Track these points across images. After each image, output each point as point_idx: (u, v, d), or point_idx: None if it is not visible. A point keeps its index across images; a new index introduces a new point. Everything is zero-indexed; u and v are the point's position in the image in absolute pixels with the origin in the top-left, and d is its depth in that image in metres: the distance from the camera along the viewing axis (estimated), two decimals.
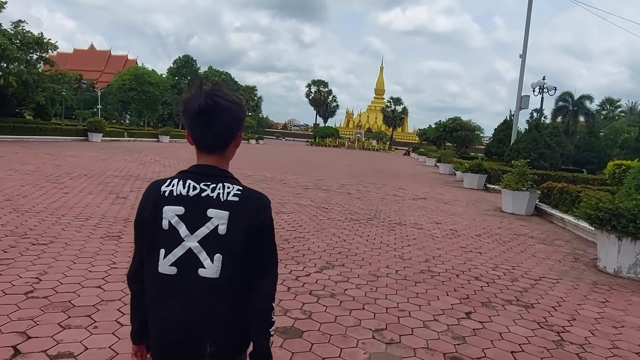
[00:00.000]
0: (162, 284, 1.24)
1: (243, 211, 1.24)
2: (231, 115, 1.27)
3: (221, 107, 1.24)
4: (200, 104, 1.22)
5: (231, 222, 1.22)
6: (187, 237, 1.23)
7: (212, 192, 1.25)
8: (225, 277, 1.22)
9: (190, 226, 1.23)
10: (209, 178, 1.27)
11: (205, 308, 1.23)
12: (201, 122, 1.25)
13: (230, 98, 1.27)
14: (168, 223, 1.24)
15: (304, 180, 14.20)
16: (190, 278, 1.22)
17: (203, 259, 1.22)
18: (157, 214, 1.25)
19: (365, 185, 14.58)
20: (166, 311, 1.25)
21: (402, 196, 12.27)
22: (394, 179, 18.37)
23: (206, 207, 1.23)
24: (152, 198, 1.28)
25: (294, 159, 26.84)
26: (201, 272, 1.22)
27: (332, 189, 12.60)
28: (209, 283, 1.21)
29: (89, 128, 27.79)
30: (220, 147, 1.30)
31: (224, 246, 1.22)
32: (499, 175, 15.85)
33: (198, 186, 1.26)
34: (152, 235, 1.26)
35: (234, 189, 1.26)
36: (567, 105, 45.84)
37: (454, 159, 24.43)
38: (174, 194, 1.25)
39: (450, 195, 13.50)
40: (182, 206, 1.24)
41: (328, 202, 9.91)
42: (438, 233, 7.42)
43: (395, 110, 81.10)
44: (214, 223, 1.22)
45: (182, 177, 1.29)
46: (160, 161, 16.80)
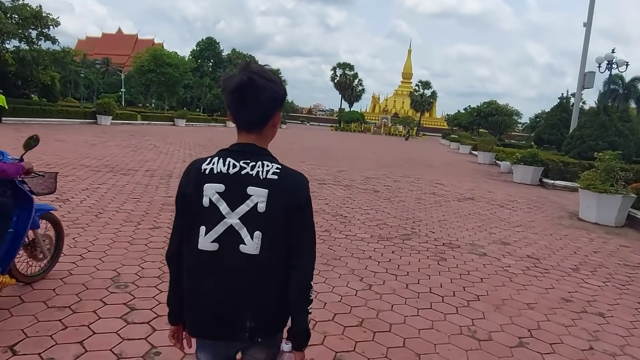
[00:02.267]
0: (203, 260, 1.25)
1: (282, 189, 1.24)
2: (267, 93, 1.25)
3: (257, 85, 1.23)
4: (237, 81, 1.23)
5: (270, 200, 1.23)
6: (228, 214, 1.23)
7: (251, 170, 1.25)
8: (264, 253, 1.23)
9: (230, 203, 1.24)
10: (249, 156, 1.27)
11: (245, 283, 1.25)
12: (237, 99, 1.25)
13: (267, 76, 1.25)
14: (209, 200, 1.24)
15: (322, 172, 11.79)
16: (231, 254, 1.24)
17: (244, 235, 1.23)
18: (198, 191, 1.24)
19: (394, 178, 12.05)
20: (207, 286, 1.27)
21: (443, 195, 9.70)
22: (427, 170, 15.72)
23: (246, 184, 1.24)
24: (193, 176, 1.27)
25: (314, 145, 24.40)
26: (242, 248, 1.23)
27: (354, 184, 10.15)
28: (250, 259, 1.23)
29: (97, 110, 26.17)
30: (257, 126, 1.30)
31: (263, 223, 1.23)
32: (559, 168, 13.03)
33: (238, 164, 1.26)
34: (193, 213, 1.26)
35: (273, 167, 1.27)
36: (617, 88, 41.31)
37: (494, 146, 21.44)
38: (214, 172, 1.25)
39: (502, 194, 10.83)
40: (223, 184, 1.24)
41: (348, 205, 7.49)
42: (512, 265, 4.90)
43: (423, 95, 77.16)
44: (253, 201, 1.23)
45: (222, 155, 1.29)
46: (160, 147, 14.71)
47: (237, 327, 1.27)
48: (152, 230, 4.92)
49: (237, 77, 1.23)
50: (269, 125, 1.32)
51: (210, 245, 1.24)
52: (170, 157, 12.21)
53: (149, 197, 6.71)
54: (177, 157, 12.17)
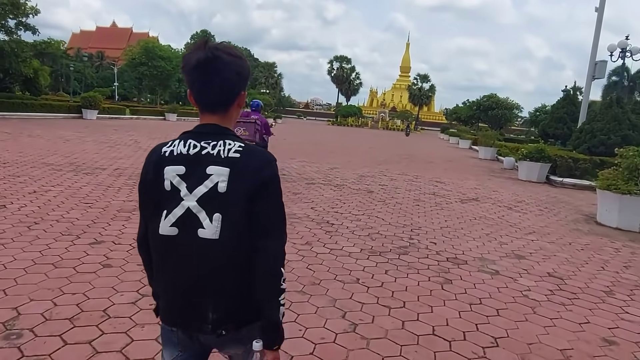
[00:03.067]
0: (163, 245, 1.18)
1: (245, 167, 1.15)
2: (232, 69, 1.17)
3: (222, 61, 1.15)
4: (199, 57, 1.14)
5: (232, 179, 1.14)
6: (186, 196, 1.15)
7: (212, 150, 1.17)
8: (225, 238, 1.13)
9: (190, 185, 1.15)
10: (210, 136, 1.19)
11: (204, 271, 1.15)
12: (200, 77, 1.16)
13: (232, 52, 1.18)
14: (170, 184, 1.16)
15: (312, 170, 10.87)
16: (190, 239, 1.14)
17: (202, 218, 1.14)
18: (158, 175, 1.18)
19: (391, 176, 11.14)
20: (168, 274, 1.20)
21: (445, 196, 8.80)
22: (426, 166, 14.82)
23: (206, 164, 1.15)
24: (154, 160, 1.21)
25: (308, 140, 23.47)
26: (200, 232, 1.13)
27: (346, 183, 9.24)
28: (209, 244, 1.13)
29: (83, 104, 25.10)
30: (222, 106, 1.21)
31: (224, 205, 1.13)
32: (568, 164, 12.14)
33: (198, 144, 1.18)
34: (156, 197, 1.18)
35: (236, 146, 1.18)
36: (622, 80, 40.38)
37: (496, 141, 20.54)
38: (174, 154, 1.18)
39: (508, 193, 9.94)
40: (183, 165, 1.17)
41: (337, 209, 6.58)
42: (532, 287, 4.00)
43: (422, 88, 76.14)
44: (213, 180, 1.14)
45: (183, 137, 1.22)
46: (141, 143, 13.75)
47: (199, 318, 1.17)
48: (90, 247, 4.01)
49: (200, 54, 1.14)
50: (234, 105, 1.23)
51: (170, 230, 1.16)
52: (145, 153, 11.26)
53: (104, 201, 5.79)
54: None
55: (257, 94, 62.77)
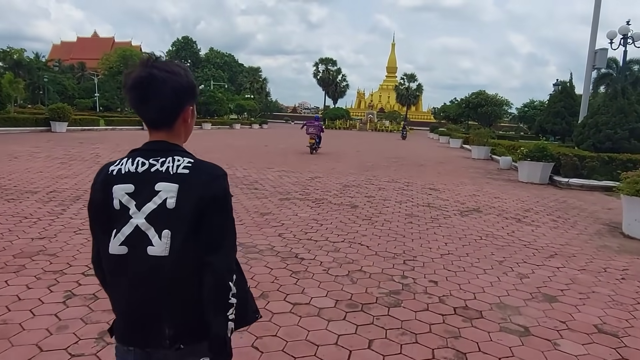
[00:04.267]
0: (114, 265, 1.17)
1: (194, 183, 1.14)
2: (169, 86, 1.14)
3: (157, 79, 1.13)
4: (135, 77, 1.14)
5: (181, 195, 1.13)
6: (135, 214, 1.14)
7: (161, 166, 1.16)
8: (175, 254, 1.12)
9: (139, 203, 1.14)
10: (159, 153, 1.18)
11: (157, 288, 1.13)
12: (138, 96, 1.16)
13: (168, 68, 1.16)
14: (119, 203, 1.15)
15: (290, 181, 9.60)
16: (139, 257, 1.13)
17: (151, 236, 1.13)
18: (107, 194, 1.16)
19: (379, 184, 9.90)
20: (121, 293, 1.18)
21: (441, 207, 7.57)
22: (417, 170, 13.61)
23: (155, 181, 1.14)
24: (101, 179, 1.19)
25: (291, 146, 22.17)
26: (150, 250, 1.12)
27: (327, 196, 7.98)
28: (159, 262, 1.12)
29: (50, 116, 23.55)
30: (164, 123, 1.20)
31: (173, 221, 1.12)
32: (573, 163, 11.01)
33: (147, 162, 1.17)
34: (105, 217, 1.17)
35: (185, 161, 1.17)
36: (612, 72, 39.73)
37: (489, 139, 19.45)
38: (122, 172, 1.17)
39: (512, 200, 8.75)
40: (132, 183, 1.15)
41: (311, 235, 5.30)
42: (581, 359, 2.76)
43: (409, 88, 75.47)
44: (161, 197, 1.13)
45: (131, 155, 1.20)
46: (102, 157, 12.35)
47: (156, 335, 1.15)
48: None
49: (135, 73, 1.14)
50: (179, 121, 1.20)
51: (119, 249, 1.14)
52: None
53: (5, 241, 4.44)
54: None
55: (242, 99, 61.38)
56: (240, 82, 79.36)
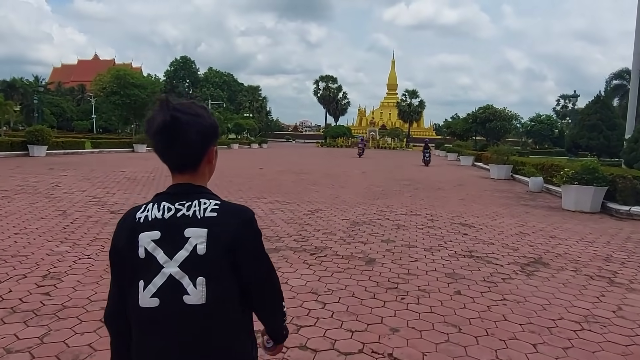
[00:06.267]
0: (145, 319, 1.09)
1: (222, 226, 1.10)
2: (194, 130, 1.11)
3: (182, 123, 1.09)
4: (159, 122, 1.09)
5: (210, 240, 1.09)
6: (167, 263, 1.08)
7: (187, 211, 1.12)
8: (211, 301, 1.07)
9: (168, 251, 1.09)
10: (184, 197, 1.15)
11: (195, 338, 1.08)
12: (163, 141, 1.11)
13: (192, 110, 1.12)
14: (144, 251, 1.10)
15: (284, 218, 7.54)
16: (175, 308, 1.07)
17: (186, 284, 1.07)
18: (133, 242, 1.11)
19: (396, 219, 7.83)
20: (153, 348, 1.10)
21: (490, 257, 5.47)
22: (437, 196, 11.54)
23: (183, 227, 1.10)
24: (127, 226, 1.15)
25: (290, 168, 20.18)
26: (186, 299, 1.07)
27: (331, 242, 5.89)
28: (196, 311, 1.07)
29: (28, 139, 21.68)
30: (189, 166, 1.17)
31: (205, 267, 1.08)
32: (633, 187, 8.92)
33: (173, 207, 1.13)
34: (130, 266, 1.11)
35: (211, 204, 1.13)
36: (625, 83, 37.99)
37: (511, 156, 17.40)
38: (149, 219, 1.12)
39: (574, 240, 6.64)
40: (158, 230, 1.11)
41: (305, 337, 3.20)
42: None
43: (411, 104, 73.88)
44: (192, 243, 1.09)
45: (156, 200, 1.16)
46: (62, 186, 10.32)
47: None
48: None
49: (159, 118, 1.09)
50: (204, 162, 1.19)
51: (150, 301, 1.07)
52: (42, 208, 7.84)
53: None
54: (49, 208, 7.81)
55: (240, 119, 59.87)
56: (240, 101, 78.13)
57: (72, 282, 3.98)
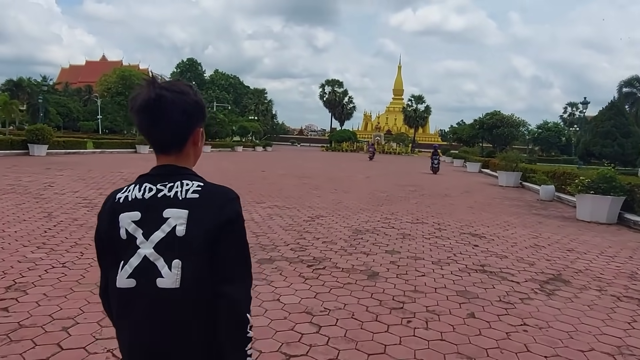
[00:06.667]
0: (122, 299, 1.07)
1: (205, 208, 1.06)
2: (178, 108, 1.08)
3: (166, 100, 1.06)
4: (142, 99, 1.07)
5: (191, 221, 1.05)
6: (142, 244, 1.06)
7: (169, 192, 1.08)
8: (187, 286, 1.02)
9: (146, 231, 1.06)
10: (167, 177, 1.11)
11: (165, 325, 1.04)
12: (147, 119, 1.08)
13: (177, 88, 1.09)
14: (125, 232, 1.07)
15: (282, 224, 7.10)
16: (148, 291, 1.03)
17: (161, 267, 1.03)
18: (113, 224, 1.09)
19: (402, 227, 7.36)
20: (128, 331, 1.08)
21: (504, 272, 4.99)
22: (443, 203, 11.06)
23: (163, 208, 1.06)
24: (108, 208, 1.12)
25: (292, 171, 19.77)
26: (159, 282, 1.03)
27: (330, 254, 5.44)
28: (169, 295, 1.02)
29: (28, 138, 21.42)
30: (174, 146, 1.13)
31: (183, 250, 1.04)
32: None
33: (154, 187, 1.10)
34: (112, 248, 1.09)
35: (194, 185, 1.09)
36: (635, 91, 37.32)
37: (520, 163, 16.88)
38: (129, 199, 1.09)
39: (593, 254, 6.15)
40: (138, 211, 1.08)
41: (297, 356, 2.75)
42: None
43: (417, 109, 73.38)
44: (170, 224, 1.05)
45: (139, 181, 1.13)
46: (55, 187, 9.96)
47: None
48: None
49: (143, 94, 1.07)
50: (189, 143, 1.14)
51: (127, 282, 1.05)
52: (28, 209, 7.45)
53: None
54: (35, 210, 7.41)
55: (245, 121, 59.58)
56: (245, 103, 77.98)
57: (37, 296, 3.55)
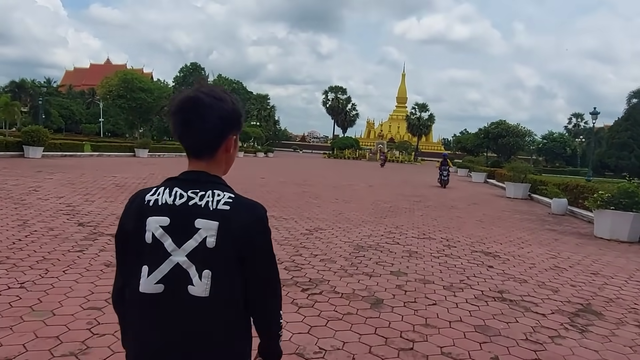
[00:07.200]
0: (145, 304, 1.07)
1: (234, 221, 1.07)
2: (214, 113, 1.09)
3: (203, 104, 1.08)
4: (180, 100, 1.10)
5: (221, 234, 1.05)
6: (174, 251, 1.06)
7: (200, 201, 1.08)
8: (215, 296, 1.04)
9: (176, 239, 1.07)
10: (198, 185, 1.11)
11: (190, 331, 1.05)
12: (181, 120, 1.10)
13: (215, 93, 1.10)
14: (152, 236, 1.07)
15: (277, 237, 6.50)
16: (178, 297, 1.05)
17: (192, 275, 1.05)
18: (140, 226, 1.08)
19: (408, 244, 6.76)
20: (148, 336, 1.07)
21: (526, 301, 4.38)
22: (450, 215, 10.45)
23: (194, 217, 1.07)
24: (135, 208, 1.11)
25: (293, 178, 19.20)
26: (190, 289, 1.04)
27: (329, 274, 4.84)
28: (198, 303, 1.04)
29: (23, 140, 20.93)
30: (206, 151, 1.13)
31: (213, 261, 1.05)
32: None
33: (185, 194, 1.09)
34: (135, 250, 1.09)
35: (225, 197, 1.09)
36: None
37: (529, 175, 16.26)
38: (159, 203, 1.09)
39: (621, 279, 5.53)
40: (168, 217, 1.07)
41: None
42: None
43: (420, 118, 72.87)
44: (201, 235, 1.06)
45: (169, 184, 1.13)
46: (37, 194, 9.41)
47: None
48: None
49: (181, 96, 1.11)
50: (221, 150, 1.14)
51: (154, 287, 1.05)
52: (3, 217, 6.89)
53: None
54: (10, 217, 6.84)
55: (247, 127, 59.15)
56: (248, 109, 77.68)
57: None
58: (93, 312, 3.34)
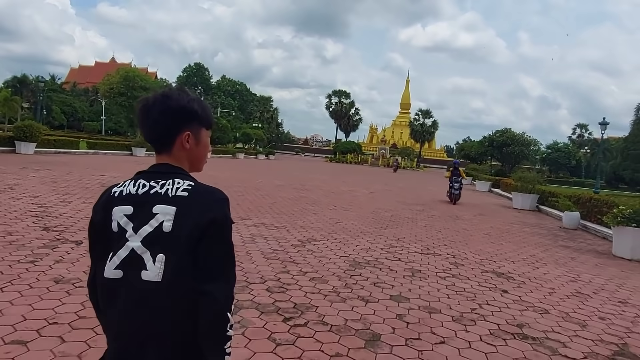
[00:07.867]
0: (108, 289, 1.11)
1: (192, 206, 1.09)
2: (156, 109, 1.15)
3: (148, 103, 1.16)
4: (137, 103, 1.20)
5: (178, 218, 1.08)
6: (131, 237, 1.09)
7: (161, 189, 1.13)
8: (168, 280, 1.05)
9: (136, 225, 1.10)
10: (160, 175, 1.16)
11: (146, 317, 1.06)
12: (138, 119, 1.20)
13: (166, 92, 1.17)
14: (117, 225, 1.11)
15: (265, 249, 5.81)
16: (133, 282, 1.07)
17: (146, 260, 1.07)
18: (107, 216, 1.13)
19: (410, 260, 6.06)
20: (111, 318, 1.11)
21: (549, 339, 3.67)
22: (456, 226, 9.74)
23: (153, 203, 1.11)
24: (103, 201, 1.17)
25: (291, 182, 18.52)
26: (144, 275, 1.06)
27: (319, 298, 4.13)
28: (151, 288, 1.05)
29: (16, 135, 20.33)
30: (161, 147, 1.19)
31: (168, 245, 1.07)
32: None
33: (148, 184, 1.15)
34: (103, 239, 1.13)
35: (184, 184, 1.13)
36: None
37: (538, 185, 15.54)
38: (124, 194, 1.14)
39: None
40: (131, 205, 1.12)
41: None
42: None
43: (424, 124, 72.18)
44: (158, 220, 1.09)
45: (135, 177, 1.19)
46: (16, 190, 8.75)
47: None
48: None
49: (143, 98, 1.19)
50: (177, 145, 1.17)
51: (114, 272, 1.08)
52: None
53: None
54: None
55: (249, 128, 58.55)
56: (251, 111, 77.19)
57: None
58: (13, 350, 2.65)
